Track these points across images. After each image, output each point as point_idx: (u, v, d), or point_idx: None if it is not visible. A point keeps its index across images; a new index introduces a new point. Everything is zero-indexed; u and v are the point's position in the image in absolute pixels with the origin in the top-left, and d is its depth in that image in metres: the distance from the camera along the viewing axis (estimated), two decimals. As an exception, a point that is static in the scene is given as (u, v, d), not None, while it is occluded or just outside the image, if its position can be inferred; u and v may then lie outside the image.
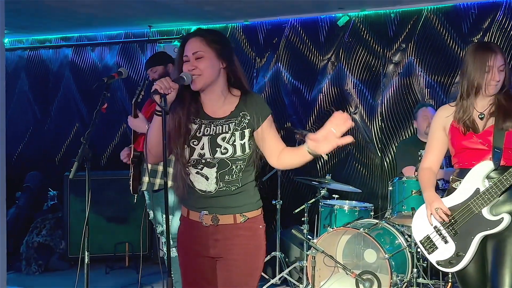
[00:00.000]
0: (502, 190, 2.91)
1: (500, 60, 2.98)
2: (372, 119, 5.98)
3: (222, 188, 2.58)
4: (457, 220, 3.01)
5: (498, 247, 2.92)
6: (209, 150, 2.57)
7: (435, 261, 3.10)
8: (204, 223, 2.60)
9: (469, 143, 3.03)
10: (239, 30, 6.57)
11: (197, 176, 2.60)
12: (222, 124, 2.60)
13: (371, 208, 5.12)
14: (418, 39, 5.78)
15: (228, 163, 2.57)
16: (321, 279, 4.65)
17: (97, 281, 5.33)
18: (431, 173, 3.16)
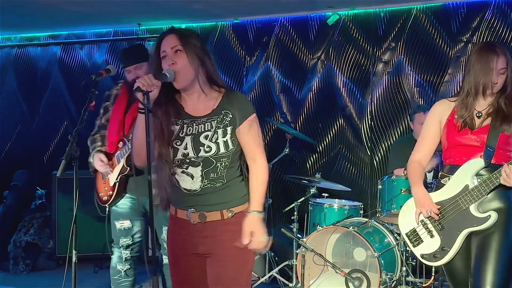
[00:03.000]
0: (491, 188, 2.94)
1: (502, 63, 3.01)
2: (362, 118, 5.98)
3: (206, 185, 2.59)
4: (444, 215, 3.05)
5: (482, 243, 2.95)
6: (192, 150, 2.58)
7: (420, 254, 3.14)
8: (191, 221, 2.61)
9: (463, 139, 3.05)
10: (228, 29, 6.55)
11: (182, 175, 2.60)
12: (204, 123, 2.60)
13: (360, 206, 5.13)
14: (407, 38, 5.79)
15: (213, 161, 2.58)
16: (311, 278, 4.65)
17: (86, 280, 5.31)
18: (419, 167, 3.19)
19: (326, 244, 4.84)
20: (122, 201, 3.96)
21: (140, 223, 3.99)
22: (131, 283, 4.02)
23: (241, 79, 6.52)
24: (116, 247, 4.01)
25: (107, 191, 3.96)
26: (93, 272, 5.66)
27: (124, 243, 3.96)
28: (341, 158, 6.07)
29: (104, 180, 3.99)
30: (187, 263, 2.67)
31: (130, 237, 3.96)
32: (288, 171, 6.02)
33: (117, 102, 3.95)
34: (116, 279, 4.00)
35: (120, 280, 3.98)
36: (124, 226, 3.95)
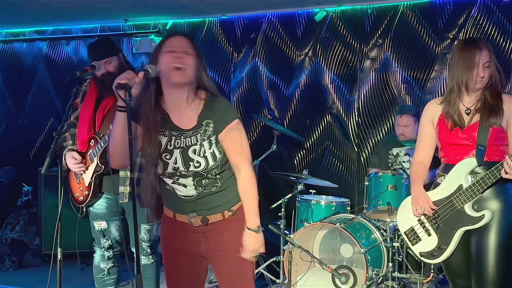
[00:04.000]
0: (484, 188, 2.96)
1: (485, 57, 3.03)
2: (349, 114, 5.99)
3: (202, 191, 2.61)
4: (440, 215, 3.08)
5: (480, 241, 2.98)
6: (182, 165, 2.56)
7: (418, 252, 3.19)
8: (193, 224, 2.64)
9: (454, 138, 3.07)
10: (216, 25, 6.53)
11: (174, 185, 2.61)
12: (190, 136, 2.57)
13: (347, 203, 5.14)
14: (394, 34, 5.81)
15: (203, 173, 2.59)
16: (298, 274, 4.66)
17: (73, 277, 5.28)
18: (421, 167, 3.22)
19: (313, 241, 4.85)
20: (98, 202, 3.88)
21: (117, 223, 3.92)
22: (115, 280, 4.00)
23: (228, 76, 6.51)
24: (98, 246, 3.98)
25: (83, 191, 3.88)
26: (80, 269, 5.63)
27: (104, 244, 3.92)
28: (328, 155, 6.08)
29: (79, 180, 3.89)
30: (187, 263, 2.70)
31: (108, 238, 3.92)
32: (276, 167, 6.02)
33: (86, 99, 3.80)
34: (100, 278, 3.97)
35: (103, 279, 3.96)
36: (102, 227, 3.90)
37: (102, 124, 3.74)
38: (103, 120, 3.74)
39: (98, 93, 3.79)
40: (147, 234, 3.90)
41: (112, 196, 3.86)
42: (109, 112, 3.71)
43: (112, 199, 3.87)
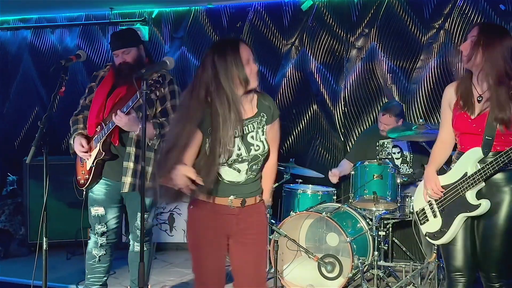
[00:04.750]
0: (484, 177, 2.99)
1: (473, 31, 3.05)
2: (335, 104, 6.00)
3: (250, 177, 2.90)
4: (446, 199, 3.16)
5: (487, 227, 3.03)
6: (245, 150, 2.85)
7: (425, 232, 3.29)
8: (232, 205, 2.88)
9: (465, 127, 3.09)
10: (202, 14, 6.50)
11: (229, 170, 2.85)
12: (247, 124, 2.85)
13: (333, 192, 5.17)
14: (380, 24, 5.81)
15: (259, 156, 2.89)
16: (284, 263, 4.68)
17: (58, 267, 5.28)
18: (442, 146, 3.27)
19: (299, 230, 4.87)
20: (97, 187, 3.93)
21: (115, 210, 3.97)
22: (105, 269, 4.01)
23: (215, 65, 6.48)
24: (92, 232, 4.00)
25: (84, 175, 3.95)
26: (66, 259, 5.62)
27: (99, 230, 3.94)
28: (314, 144, 6.09)
29: (82, 164, 3.97)
30: (216, 245, 2.92)
31: (104, 224, 3.94)
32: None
33: (102, 84, 3.90)
34: (91, 264, 3.98)
35: (94, 266, 3.97)
36: (98, 213, 3.93)
37: (110, 111, 3.79)
38: (112, 107, 3.79)
39: (114, 81, 3.86)
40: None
41: (112, 182, 3.90)
42: (119, 101, 3.77)
43: (112, 185, 3.91)
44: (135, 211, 3.93)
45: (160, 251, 5.88)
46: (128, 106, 3.63)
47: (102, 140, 3.79)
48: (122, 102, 3.75)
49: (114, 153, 3.87)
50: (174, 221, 6.02)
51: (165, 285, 4.90)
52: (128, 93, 3.74)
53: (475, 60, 3.02)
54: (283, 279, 4.62)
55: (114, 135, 3.80)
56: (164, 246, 5.99)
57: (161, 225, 6.01)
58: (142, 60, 3.88)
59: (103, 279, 4.02)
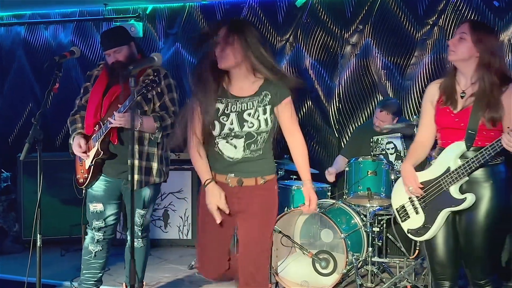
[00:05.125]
0: (469, 171, 3.00)
1: (462, 28, 3.06)
2: (330, 100, 6.01)
3: (247, 155, 3.03)
4: (428, 194, 3.15)
5: (470, 222, 3.05)
6: (238, 125, 3.01)
7: (407, 229, 3.28)
8: (230, 184, 3.04)
9: (447, 121, 3.10)
10: (197, 10, 6.49)
11: (226, 145, 3.03)
12: (246, 102, 3.02)
13: (328, 188, 5.18)
14: (375, 20, 5.82)
15: (254, 134, 3.03)
16: (279, 259, 4.69)
17: (53, 263, 5.27)
18: (420, 146, 3.28)
19: (293, 226, 4.88)
20: (97, 184, 3.94)
21: (114, 206, 3.98)
22: (101, 265, 4.01)
23: (209, 61, 6.47)
24: (89, 228, 4.01)
25: (83, 174, 3.95)
26: (60, 255, 5.61)
27: (96, 226, 3.95)
28: (309, 140, 6.08)
29: (81, 163, 3.97)
30: (217, 226, 3.05)
31: (102, 220, 3.95)
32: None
33: (97, 84, 3.91)
34: (87, 260, 3.99)
35: (90, 261, 3.98)
36: (97, 209, 3.94)
37: (108, 110, 3.80)
38: (109, 106, 3.80)
39: (108, 80, 3.86)
40: (140, 218, 3.99)
41: (112, 179, 3.91)
42: (115, 100, 3.77)
43: (112, 182, 3.92)
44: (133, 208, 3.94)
45: (154, 248, 5.87)
46: (125, 106, 3.63)
47: (101, 139, 3.79)
48: (118, 100, 3.75)
49: (113, 152, 3.87)
50: (168, 217, 6.02)
51: (160, 282, 4.90)
52: (124, 91, 3.74)
53: (462, 56, 3.04)
54: (277, 275, 4.63)
55: (113, 134, 3.80)
56: (159, 242, 5.99)
57: (155, 222, 6.01)
58: (134, 57, 3.88)
59: (98, 275, 4.03)
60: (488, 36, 3.04)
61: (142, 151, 3.86)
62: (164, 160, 4.02)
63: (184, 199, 6.01)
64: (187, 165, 5.97)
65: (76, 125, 3.97)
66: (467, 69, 3.07)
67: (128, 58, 3.82)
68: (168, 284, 4.89)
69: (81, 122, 3.96)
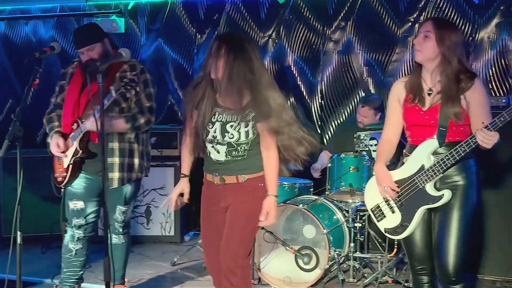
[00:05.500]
0: (444, 168, 3.01)
1: (425, 27, 3.09)
2: (312, 97, 6.03)
3: (229, 159, 3.22)
4: (403, 193, 3.16)
5: (443, 218, 3.07)
6: (220, 134, 3.21)
7: (383, 229, 3.29)
8: (215, 182, 3.27)
9: (417, 119, 3.12)
10: (179, 6, 6.47)
11: (211, 149, 3.25)
12: (231, 114, 3.17)
13: (310, 184, 5.19)
14: (357, 17, 5.85)
15: (234, 145, 3.20)
16: (261, 255, 4.70)
17: (33, 261, 5.23)
18: (388, 144, 3.29)
19: (276, 222, 4.87)
20: (77, 181, 3.90)
21: (94, 204, 3.94)
22: (81, 263, 3.99)
23: (191, 57, 6.47)
24: (69, 226, 3.97)
25: (62, 173, 3.90)
26: (41, 253, 5.57)
27: (76, 223, 3.92)
28: (291, 137, 6.09)
29: (60, 161, 3.92)
30: (213, 216, 3.33)
31: (83, 218, 3.92)
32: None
33: (72, 82, 3.87)
34: (67, 258, 3.96)
35: (70, 259, 3.95)
36: (77, 207, 3.90)
37: (85, 109, 3.76)
38: (86, 104, 3.75)
39: (83, 78, 3.80)
40: (121, 215, 3.97)
41: (93, 177, 3.87)
42: (93, 97, 3.70)
43: (92, 179, 3.88)
44: (114, 204, 3.94)
45: (137, 244, 5.85)
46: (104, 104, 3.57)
47: (79, 138, 3.75)
48: (96, 97, 3.70)
49: (93, 151, 3.83)
50: (151, 214, 6.00)
51: (142, 279, 4.88)
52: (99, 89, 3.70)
53: (429, 55, 3.07)
54: (260, 271, 4.63)
55: (92, 133, 3.75)
56: (141, 239, 5.97)
57: (138, 218, 5.99)
58: (109, 54, 3.82)
59: (79, 273, 4.00)
60: (451, 33, 3.06)
61: (124, 148, 3.84)
62: (146, 156, 4.00)
63: (166, 195, 5.95)
64: (170, 161, 5.96)
65: (53, 123, 3.91)
66: (432, 66, 3.09)
67: (102, 55, 3.77)
68: (150, 280, 4.87)
69: (57, 120, 3.91)
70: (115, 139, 3.80)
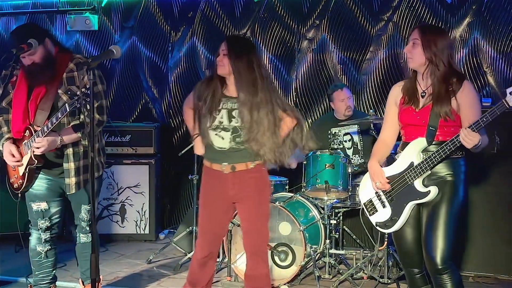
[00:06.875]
0: (431, 166, 3.15)
1: (413, 34, 3.24)
2: (287, 94, 6.06)
3: (233, 146, 3.46)
4: (394, 189, 3.30)
5: (431, 213, 3.19)
6: (227, 119, 3.47)
7: (375, 222, 3.42)
8: (225, 171, 3.48)
9: (410, 119, 3.27)
10: (153, 3, 6.44)
11: (215, 136, 3.48)
12: (235, 102, 3.47)
13: (286, 182, 5.22)
14: (331, 15, 5.89)
15: (239, 129, 3.46)
16: (237, 252, 4.70)
17: (7, 259, 5.16)
18: (383, 145, 3.45)
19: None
20: (38, 182, 3.80)
21: (57, 203, 3.87)
22: (52, 263, 3.94)
23: (166, 55, 6.45)
24: (34, 228, 3.88)
25: (17, 179, 3.79)
26: (14, 252, 5.50)
27: (42, 225, 3.84)
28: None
29: (14, 168, 3.79)
30: (218, 206, 3.54)
31: (48, 219, 3.85)
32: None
33: (18, 87, 3.66)
34: (37, 261, 3.89)
35: (41, 262, 3.89)
36: (41, 208, 3.82)
37: (35, 114, 3.64)
38: (36, 109, 3.63)
39: (28, 83, 3.64)
40: (87, 214, 3.88)
41: (54, 178, 3.80)
42: (41, 102, 3.61)
43: (53, 180, 3.80)
44: (79, 203, 3.86)
45: (111, 242, 5.82)
46: (57, 118, 3.47)
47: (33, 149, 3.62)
48: (44, 102, 3.61)
49: (50, 158, 3.71)
50: (125, 212, 5.97)
51: (117, 276, 4.86)
52: (48, 93, 3.61)
53: (418, 61, 3.22)
54: (236, 268, 4.65)
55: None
56: (116, 237, 5.94)
57: (112, 216, 5.95)
58: (51, 55, 3.64)
59: (52, 273, 3.95)
60: (436, 38, 3.20)
61: (77, 151, 3.72)
62: (101, 151, 3.91)
63: (141, 193, 5.97)
64: (144, 159, 5.94)
65: (2, 129, 3.75)
66: (423, 70, 3.25)
67: (44, 57, 3.59)
68: (126, 278, 4.85)
69: (6, 125, 3.75)
70: (69, 145, 3.68)
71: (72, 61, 3.65)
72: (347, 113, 5.20)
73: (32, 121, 3.65)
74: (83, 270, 3.98)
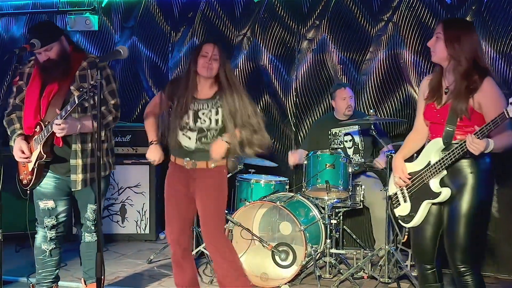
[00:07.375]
0: (444, 166, 3.13)
1: (438, 28, 3.20)
2: (287, 95, 6.07)
3: (199, 146, 3.67)
4: (414, 185, 3.32)
5: (451, 213, 3.16)
6: (192, 120, 3.66)
7: (398, 215, 3.45)
8: (186, 166, 3.71)
9: (431, 116, 3.25)
10: (153, 4, 6.45)
11: (183, 136, 3.69)
12: (203, 103, 3.68)
13: (286, 181, 5.23)
14: (331, 16, 5.90)
15: (204, 130, 3.67)
16: (238, 252, 4.69)
17: (8, 259, 5.14)
18: (415, 135, 3.44)
19: (253, 219, 4.92)
20: (45, 181, 3.85)
21: (64, 202, 3.91)
22: (56, 262, 3.96)
23: (166, 55, 6.46)
24: (40, 226, 3.92)
25: (27, 175, 3.84)
26: (15, 252, 5.51)
27: (48, 224, 3.87)
28: (266, 134, 6.12)
29: (24, 164, 3.84)
30: (179, 198, 3.76)
31: (54, 217, 3.88)
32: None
33: (31, 84, 3.75)
34: (41, 259, 3.92)
35: (45, 260, 3.91)
36: (48, 206, 3.86)
37: (47, 111, 3.69)
38: (48, 106, 3.68)
39: (42, 79, 3.71)
40: (92, 213, 3.91)
41: (61, 176, 3.82)
42: (53, 98, 3.67)
43: (61, 179, 3.83)
44: (85, 202, 3.90)
45: (112, 242, 5.83)
46: (66, 111, 3.52)
47: (43, 142, 3.68)
48: (56, 99, 3.67)
49: (58, 154, 3.76)
50: (126, 212, 5.98)
51: (118, 276, 4.87)
52: (60, 89, 3.66)
53: (441, 55, 3.17)
54: (237, 268, 4.65)
55: (56, 136, 3.67)
56: (116, 237, 5.95)
57: (112, 216, 5.96)
58: (66, 52, 3.72)
59: (55, 273, 3.98)
60: (460, 33, 3.14)
61: (86, 148, 3.76)
62: (110, 152, 3.96)
63: (141, 193, 5.98)
64: (145, 159, 5.90)
65: (15, 125, 3.82)
66: (447, 66, 3.19)
67: (60, 54, 3.68)
68: (127, 278, 4.86)
69: (18, 122, 3.81)
70: (78, 141, 3.73)
71: (85, 59, 3.72)
72: (347, 113, 5.21)
73: (43, 117, 3.71)
74: (86, 270, 4.00)
